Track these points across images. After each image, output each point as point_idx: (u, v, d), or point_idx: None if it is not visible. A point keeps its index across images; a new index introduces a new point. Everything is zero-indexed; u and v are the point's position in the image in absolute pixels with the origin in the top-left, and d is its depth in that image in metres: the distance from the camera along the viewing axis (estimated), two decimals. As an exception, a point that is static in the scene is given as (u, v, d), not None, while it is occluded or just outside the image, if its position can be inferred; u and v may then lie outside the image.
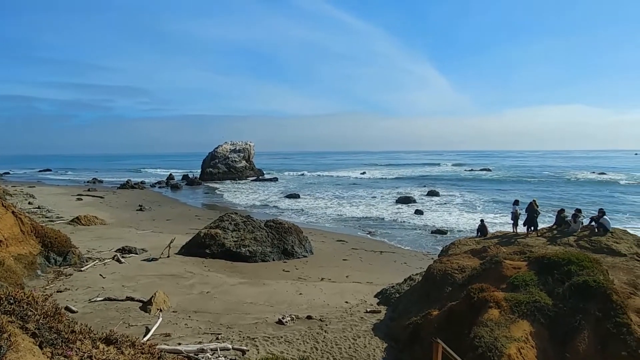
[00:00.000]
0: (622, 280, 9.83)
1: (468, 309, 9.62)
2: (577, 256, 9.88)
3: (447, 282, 12.48)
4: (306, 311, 13.81)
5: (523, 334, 8.23)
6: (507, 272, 10.47)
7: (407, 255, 24.34)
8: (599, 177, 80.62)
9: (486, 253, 13.11)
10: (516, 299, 9.00)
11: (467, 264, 12.77)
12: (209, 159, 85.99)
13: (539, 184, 69.46)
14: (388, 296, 15.38)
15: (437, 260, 14.32)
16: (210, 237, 21.97)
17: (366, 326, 12.59)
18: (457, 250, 14.59)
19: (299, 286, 17.06)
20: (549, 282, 9.41)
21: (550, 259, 10.04)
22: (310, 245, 23.90)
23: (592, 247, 12.49)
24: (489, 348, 7.96)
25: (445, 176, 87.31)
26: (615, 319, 8.20)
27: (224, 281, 17.28)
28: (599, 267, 9.49)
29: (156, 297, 13.47)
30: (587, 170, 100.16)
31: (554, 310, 8.72)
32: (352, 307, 14.49)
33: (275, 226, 23.76)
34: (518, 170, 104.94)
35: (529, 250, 12.24)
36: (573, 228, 14.04)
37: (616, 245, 12.42)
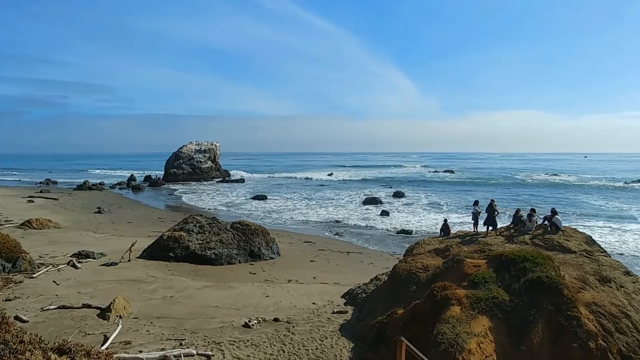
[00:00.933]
0: (572, 276, 10.43)
1: (432, 307, 9.89)
2: (531, 254, 10.40)
3: (412, 281, 12.77)
4: (273, 313, 13.70)
5: (482, 329, 8.56)
6: (468, 270, 10.86)
7: (374, 255, 24.70)
8: (551, 178, 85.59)
9: (449, 252, 13.53)
10: (476, 295, 9.35)
11: (430, 263, 13.12)
12: (172, 159, 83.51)
13: (498, 185, 72.51)
14: (355, 296, 15.53)
15: (402, 260, 14.61)
16: (173, 240, 21.36)
17: (333, 327, 12.64)
18: (421, 250, 14.95)
19: (265, 288, 16.90)
20: (506, 279, 9.86)
21: (508, 257, 10.51)
22: (277, 247, 23.75)
23: (546, 245, 13.18)
24: (450, 344, 8.22)
25: (410, 178, 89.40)
26: (567, 312, 8.70)
27: (189, 285, 16.84)
28: (551, 263, 10.04)
29: (116, 304, 12.92)
30: (541, 172, 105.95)
31: (511, 306, 9.14)
32: (319, 308, 14.52)
33: (241, 228, 23.44)
34: (479, 172, 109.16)
35: (488, 249, 12.74)
36: (528, 227, 14.76)
37: (567, 242, 13.17)
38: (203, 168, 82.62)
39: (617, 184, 70.49)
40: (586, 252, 12.56)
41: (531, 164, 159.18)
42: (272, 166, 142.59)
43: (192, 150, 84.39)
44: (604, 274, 10.94)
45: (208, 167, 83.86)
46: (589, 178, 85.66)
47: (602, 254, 12.88)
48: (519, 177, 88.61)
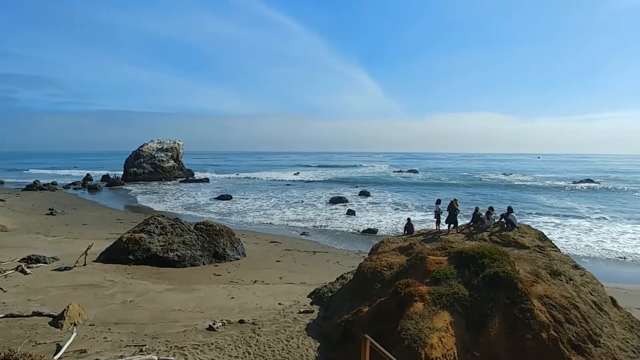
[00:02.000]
0: (526, 270, 10.98)
1: (396, 304, 10.09)
2: (489, 250, 10.86)
3: (377, 279, 12.98)
4: (238, 315, 13.51)
5: (444, 324, 8.83)
6: (430, 267, 11.17)
7: (340, 254, 24.91)
8: (508, 178, 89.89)
9: (412, 250, 13.86)
10: (438, 291, 9.64)
11: (395, 261, 13.38)
12: (132, 158, 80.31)
13: (459, 184, 75.18)
14: (321, 296, 15.58)
15: (368, 259, 14.81)
16: (134, 242, 20.56)
17: (299, 327, 12.63)
18: (385, 248, 15.22)
19: (231, 290, 16.63)
20: (466, 275, 10.23)
21: (467, 254, 10.91)
22: (242, 248, 23.42)
23: (502, 241, 13.79)
24: (413, 339, 8.42)
25: (376, 177, 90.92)
26: (521, 305, 9.14)
27: (150, 288, 16.26)
28: (507, 259, 10.51)
29: (69, 310, 12.25)
30: (499, 171, 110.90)
31: (470, 300, 9.49)
32: (285, 308, 14.46)
33: (205, 229, 22.92)
34: (441, 171, 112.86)
35: (449, 246, 13.17)
36: (486, 224, 15.38)
37: (521, 239, 13.85)
38: (165, 167, 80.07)
39: (566, 183, 75.01)
40: (539, 248, 13.26)
41: (489, 163, 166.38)
42: (238, 166, 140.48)
43: (153, 148, 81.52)
44: (555, 268, 11.59)
45: (170, 166, 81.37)
46: (542, 177, 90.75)
47: (553, 249, 13.64)
48: (478, 177, 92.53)
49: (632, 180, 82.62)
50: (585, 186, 68.44)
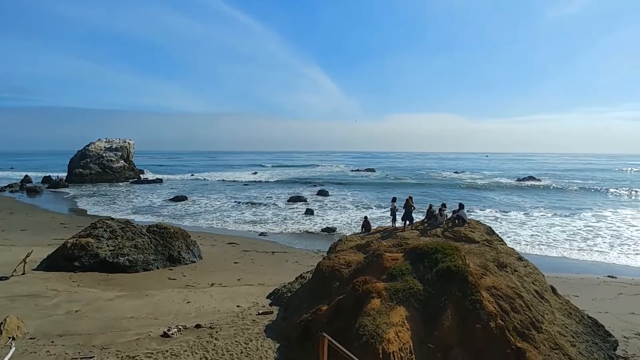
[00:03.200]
0: (476, 264, 11.52)
1: (354, 301, 10.23)
2: (442, 245, 11.29)
3: (335, 277, 13.09)
4: (195, 320, 13.12)
5: (400, 319, 9.07)
6: (387, 263, 11.43)
7: (299, 254, 24.91)
8: (460, 176, 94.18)
9: (369, 248, 14.11)
10: (394, 287, 9.89)
11: (352, 259, 13.57)
12: (78, 158, 75.52)
13: (414, 182, 77.65)
14: (280, 296, 15.50)
15: (326, 257, 14.92)
16: (80, 248, 19.37)
17: (258, 328, 12.48)
18: (343, 247, 15.40)
19: (187, 294, 16.12)
20: (421, 270, 10.57)
21: (422, 249, 11.28)
22: (199, 250, 22.79)
23: (454, 237, 14.39)
24: (371, 335, 8.59)
25: (334, 176, 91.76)
26: (471, 297, 9.57)
27: (98, 296, 15.39)
28: (458, 253, 10.98)
29: (7, 324, 11.31)
30: (451, 170, 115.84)
31: (425, 294, 9.82)
32: (243, 310, 14.23)
33: (159, 231, 22.05)
34: (397, 170, 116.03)
35: (405, 243, 13.54)
36: (439, 221, 15.99)
37: (471, 234, 14.52)
38: (115, 168, 76.05)
39: (512, 180, 79.77)
40: (487, 242, 13.97)
41: (443, 162, 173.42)
42: (194, 166, 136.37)
43: (101, 148, 77.15)
44: (501, 260, 12.26)
45: (120, 166, 77.41)
46: (490, 175, 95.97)
47: (500, 243, 14.43)
48: (433, 175, 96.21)
49: (569, 177, 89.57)
50: (529, 184, 73.07)
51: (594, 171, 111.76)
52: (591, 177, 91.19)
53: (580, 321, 12.10)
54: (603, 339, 11.76)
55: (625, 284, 19.54)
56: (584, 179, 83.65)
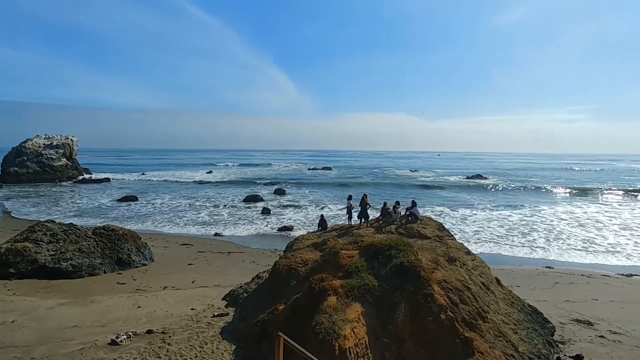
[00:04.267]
0: (428, 259, 11.98)
1: (311, 300, 10.29)
2: (396, 242, 11.63)
3: (292, 276, 13.08)
4: (146, 325, 12.59)
5: (356, 315, 9.24)
6: (343, 261, 11.59)
7: (255, 253, 24.63)
8: (413, 174, 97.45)
9: (326, 246, 14.24)
10: (350, 284, 10.05)
11: (309, 257, 13.62)
12: (13, 156, 69.63)
13: (370, 181, 79.29)
14: (236, 297, 15.25)
15: (283, 256, 14.87)
16: (15, 253, 17.96)
17: (214, 331, 12.20)
18: (300, 245, 15.42)
19: (137, 299, 15.42)
20: (376, 266, 10.83)
21: (377, 246, 11.55)
22: (150, 252, 21.90)
23: (407, 233, 14.88)
24: (328, 333, 8.67)
25: (291, 175, 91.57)
26: (423, 291, 9.94)
27: (37, 305, 14.33)
28: (411, 249, 11.36)
29: None
30: (405, 168, 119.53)
31: (379, 290, 10.07)
32: (198, 313, 13.86)
33: (106, 234, 20.92)
34: (354, 169, 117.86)
35: (360, 240, 13.79)
36: (394, 218, 16.45)
37: (424, 230, 15.09)
38: (56, 166, 70.97)
39: (461, 178, 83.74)
40: (438, 238, 14.58)
41: (397, 161, 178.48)
42: (145, 164, 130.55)
43: (40, 145, 71.69)
44: (451, 255, 12.85)
45: (62, 165, 72.36)
46: (442, 173, 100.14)
47: (450, 238, 15.10)
48: (387, 173, 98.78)
49: (513, 175, 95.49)
50: (476, 182, 77.01)
51: (535, 170, 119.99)
52: (532, 175, 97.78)
53: (522, 310, 12.96)
54: (542, 326, 12.68)
55: (561, 274, 21.15)
56: (526, 177, 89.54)
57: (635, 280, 20.37)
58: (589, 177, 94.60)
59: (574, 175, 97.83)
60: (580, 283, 19.48)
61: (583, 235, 30.45)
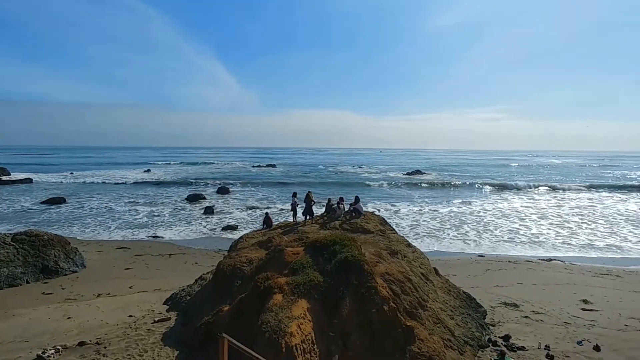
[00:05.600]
0: (371, 253, 12.36)
1: (256, 298, 10.17)
2: (340, 237, 11.85)
3: (237, 276, 12.85)
4: (78, 337, 11.70)
5: (302, 312, 9.29)
6: (288, 258, 11.59)
7: (199, 254, 23.85)
8: (356, 170, 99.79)
9: (271, 244, 14.15)
10: (296, 281, 10.08)
11: (254, 256, 13.46)
12: None
13: (314, 177, 79.94)
14: (178, 301, 14.68)
15: (227, 256, 14.55)
16: None
17: (155, 338, 11.64)
18: (245, 244, 15.18)
19: (66, 309, 14.27)
20: (321, 262, 10.96)
21: (321, 242, 11.69)
22: (81, 258, 20.36)
23: (351, 228, 15.22)
24: (274, 331, 8.64)
25: (235, 172, 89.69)
26: (367, 284, 10.23)
27: (-54, 323, 12.77)
28: (355, 244, 11.64)
29: None
30: (348, 165, 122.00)
31: (325, 286, 10.20)
32: (137, 320, 13.13)
33: (28, 239, 19.10)
34: (298, 166, 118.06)
35: (305, 237, 13.87)
36: (338, 214, 16.74)
37: (367, 225, 15.51)
38: (-34, 167, 63.44)
39: (402, 174, 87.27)
40: (380, 232, 15.06)
41: (342, 158, 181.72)
42: (74, 163, 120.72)
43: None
44: (393, 248, 13.35)
45: (-25, 165, 64.81)
46: (384, 169, 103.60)
47: (392, 232, 15.68)
48: (332, 170, 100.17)
49: (449, 170, 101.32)
50: (416, 177, 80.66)
51: (467, 165, 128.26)
52: (465, 170, 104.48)
53: (457, 296, 13.83)
54: (475, 310, 13.62)
55: (491, 261, 22.84)
56: (460, 172, 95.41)
57: (554, 264, 22.56)
58: (513, 171, 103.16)
59: (501, 171, 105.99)
60: (508, 269, 21.17)
61: (508, 227, 33.09)
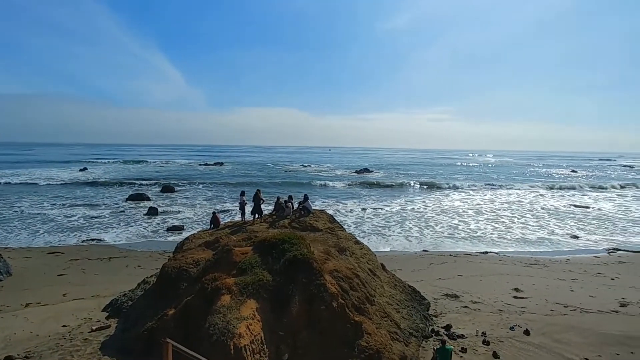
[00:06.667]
0: (320, 250, 12.49)
1: (203, 300, 9.90)
2: (289, 235, 11.85)
3: (183, 278, 12.42)
4: (4, 351, 10.72)
5: (251, 312, 9.19)
6: (236, 258, 11.40)
7: (141, 257, 22.74)
8: (305, 169, 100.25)
9: (218, 244, 13.82)
10: (244, 281, 9.95)
11: (201, 256, 13.08)
12: None
13: (263, 176, 79.16)
14: (119, 306, 13.92)
15: (172, 258, 14.00)
16: None
17: (92, 347, 10.95)
18: (191, 245, 14.71)
19: (-11, 321, 13.00)
20: (269, 261, 10.90)
21: (270, 241, 11.62)
22: (6, 265, 18.64)
23: (300, 227, 15.28)
24: (222, 333, 8.47)
25: (180, 171, 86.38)
26: (316, 281, 10.34)
27: None
28: (304, 242, 11.71)
29: None
30: (298, 163, 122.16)
31: (274, 285, 10.17)
32: (72, 330, 12.28)
33: (-58, 247, 17.11)
34: (247, 164, 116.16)
35: (254, 236, 13.72)
36: (287, 212, 16.74)
37: (316, 223, 15.66)
38: None
39: (350, 172, 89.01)
40: (329, 229, 15.28)
41: (290, 156, 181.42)
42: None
43: None
44: (342, 245, 13.60)
45: None
46: (332, 167, 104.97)
47: (340, 229, 15.96)
48: (281, 168, 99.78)
49: (396, 169, 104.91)
50: (364, 175, 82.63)
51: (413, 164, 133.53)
52: (411, 169, 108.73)
53: (403, 290, 14.39)
54: (419, 303, 14.25)
55: (434, 256, 24.02)
56: (405, 171, 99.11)
57: (490, 256, 24.20)
58: (453, 170, 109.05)
59: (442, 169, 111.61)
60: (449, 262, 22.39)
61: (448, 222, 34.98)
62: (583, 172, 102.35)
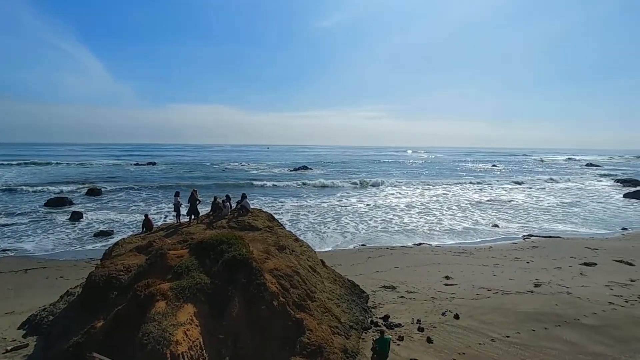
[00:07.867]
0: (259, 249, 12.40)
1: (136, 308, 9.36)
2: (226, 236, 11.59)
3: (113, 286, 11.65)
4: None
5: (188, 317, 8.87)
6: (171, 262, 10.93)
7: (64, 267, 20.85)
8: (244, 167, 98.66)
9: (152, 247, 13.14)
10: (180, 285, 9.57)
11: (133, 262, 12.36)
12: None
13: (199, 175, 76.41)
14: (38, 323, 12.71)
15: (100, 265, 13.06)
16: None
17: (6, 370, 9.90)
18: (122, 250, 13.82)
19: None
20: (207, 263, 10.59)
21: (207, 242, 11.29)
22: None
23: (239, 226, 15.04)
24: (157, 341, 8.08)
25: (109, 172, 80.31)
26: (256, 281, 10.26)
27: None
28: (243, 242, 11.53)
29: None
30: (236, 161, 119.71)
31: (212, 287, 9.91)
32: (-20, 352, 10.97)
33: None
34: (182, 163, 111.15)
35: (190, 238, 13.26)
36: (225, 212, 16.37)
37: (255, 222, 15.51)
38: None
39: (289, 170, 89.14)
40: (269, 228, 15.21)
41: (227, 154, 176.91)
42: None
43: None
44: (281, 244, 13.61)
45: None
46: (271, 165, 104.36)
47: (280, 228, 15.96)
48: (217, 167, 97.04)
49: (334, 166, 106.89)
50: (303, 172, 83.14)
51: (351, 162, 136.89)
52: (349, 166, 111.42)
53: (343, 285, 14.77)
54: (359, 296, 14.73)
55: (372, 250, 24.89)
56: (343, 168, 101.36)
57: (423, 248, 25.62)
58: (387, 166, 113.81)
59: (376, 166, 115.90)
60: (386, 255, 23.35)
61: (382, 217, 36.43)
62: (502, 167, 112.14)
